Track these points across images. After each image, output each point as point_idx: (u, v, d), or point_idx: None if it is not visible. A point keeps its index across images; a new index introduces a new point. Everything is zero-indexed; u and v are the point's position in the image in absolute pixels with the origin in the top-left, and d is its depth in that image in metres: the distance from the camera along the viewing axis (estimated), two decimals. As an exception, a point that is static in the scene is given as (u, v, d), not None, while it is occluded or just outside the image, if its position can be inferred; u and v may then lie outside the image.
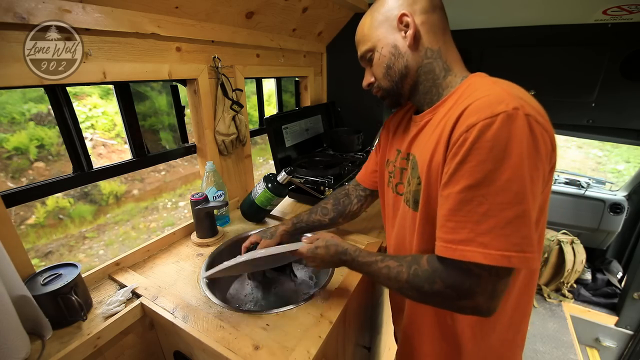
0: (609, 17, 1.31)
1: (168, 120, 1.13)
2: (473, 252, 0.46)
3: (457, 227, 0.48)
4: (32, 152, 1.10)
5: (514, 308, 0.62)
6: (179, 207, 1.89)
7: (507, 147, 0.44)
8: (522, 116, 0.44)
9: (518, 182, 0.45)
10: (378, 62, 0.64)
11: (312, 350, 0.63)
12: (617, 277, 2.22)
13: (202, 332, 0.67)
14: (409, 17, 0.58)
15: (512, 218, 0.45)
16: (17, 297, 0.60)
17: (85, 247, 1.46)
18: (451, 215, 0.49)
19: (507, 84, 0.53)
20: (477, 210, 0.46)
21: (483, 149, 0.45)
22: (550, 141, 0.47)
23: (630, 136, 1.56)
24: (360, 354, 1.07)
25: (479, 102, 0.48)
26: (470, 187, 0.47)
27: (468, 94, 0.53)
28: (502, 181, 0.45)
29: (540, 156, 0.46)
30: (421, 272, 0.54)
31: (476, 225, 0.46)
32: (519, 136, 0.44)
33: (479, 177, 0.46)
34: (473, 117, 0.47)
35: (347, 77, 1.71)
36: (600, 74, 1.44)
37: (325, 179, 1.20)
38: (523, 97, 0.48)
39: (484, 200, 0.46)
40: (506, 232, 0.45)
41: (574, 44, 1.45)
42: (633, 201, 2.18)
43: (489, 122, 0.45)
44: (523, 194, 0.45)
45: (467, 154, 0.46)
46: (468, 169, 0.47)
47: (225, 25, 1.06)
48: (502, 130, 0.44)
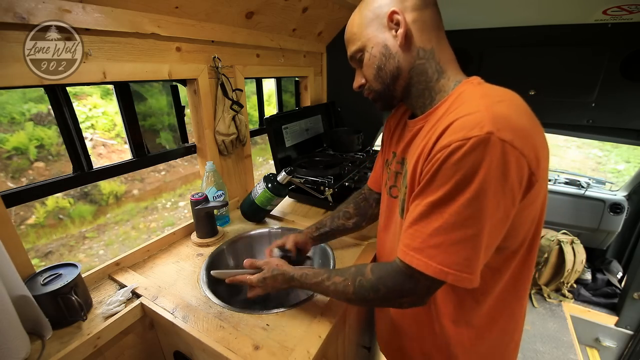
0: (609, 17, 1.31)
1: (168, 120, 1.13)
2: (419, 260, 0.50)
3: (414, 235, 0.51)
4: (32, 152, 1.10)
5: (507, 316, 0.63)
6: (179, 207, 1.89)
7: (471, 172, 0.44)
8: (495, 141, 0.43)
9: (474, 207, 0.45)
10: (368, 63, 0.62)
11: (312, 350, 0.63)
12: (617, 277, 2.22)
13: (202, 332, 0.67)
14: (399, 15, 0.56)
15: (459, 239, 0.47)
16: (17, 297, 0.60)
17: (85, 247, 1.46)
18: (413, 223, 0.52)
19: (497, 96, 0.50)
20: (433, 224, 0.49)
21: (449, 170, 0.46)
22: (528, 165, 0.46)
23: (630, 136, 1.56)
24: (360, 354, 1.07)
25: (459, 122, 0.47)
26: (432, 203, 0.49)
27: (455, 107, 0.52)
28: (458, 204, 0.46)
29: (510, 182, 0.45)
30: (365, 282, 0.58)
31: (428, 238, 0.49)
32: (486, 162, 0.43)
33: (440, 195, 0.47)
34: (448, 138, 0.47)
35: (347, 77, 1.69)
36: (600, 74, 1.44)
37: (325, 179, 1.20)
38: (506, 117, 0.46)
39: (440, 217, 0.48)
40: (451, 250, 0.48)
41: (574, 44, 1.45)
42: (633, 201, 2.18)
43: (460, 144, 0.45)
44: (477, 218, 0.46)
45: (436, 172, 0.48)
46: (435, 186, 0.48)
47: (225, 25, 1.06)
48: (470, 154, 0.44)
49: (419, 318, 0.68)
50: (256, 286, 0.73)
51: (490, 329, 0.63)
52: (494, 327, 0.63)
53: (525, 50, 1.48)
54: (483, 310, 0.61)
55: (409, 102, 0.64)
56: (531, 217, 0.53)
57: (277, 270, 0.72)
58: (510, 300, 0.62)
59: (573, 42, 1.44)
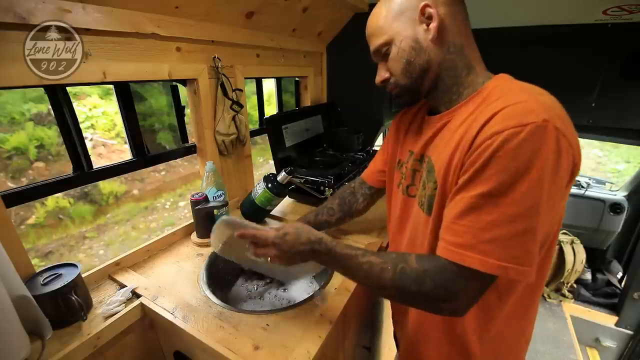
0: (609, 17, 1.31)
1: (168, 120, 1.13)
2: (472, 257, 0.46)
3: (461, 230, 0.48)
4: (32, 152, 1.10)
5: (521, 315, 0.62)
6: (179, 207, 1.89)
7: (530, 160, 0.43)
8: (552, 129, 0.43)
9: (533, 196, 0.44)
10: (396, 57, 0.59)
11: (312, 350, 0.63)
12: (617, 277, 2.22)
13: (202, 332, 0.67)
14: (432, 9, 0.54)
15: (519, 231, 0.45)
16: (17, 297, 0.60)
17: (85, 247, 1.46)
18: (458, 218, 0.49)
19: (536, 90, 0.51)
20: (485, 218, 0.46)
21: (505, 158, 0.44)
22: (573, 157, 0.46)
23: (630, 136, 1.56)
24: (360, 354, 1.07)
25: (508, 109, 0.46)
26: (484, 195, 0.46)
27: (495, 99, 0.50)
28: (517, 193, 0.44)
29: (561, 172, 0.45)
30: (409, 270, 0.52)
31: (480, 232, 0.46)
32: (544, 150, 0.43)
33: (495, 185, 0.45)
34: (499, 125, 0.45)
35: (347, 77, 1.71)
36: (600, 74, 1.44)
37: (325, 179, 1.20)
38: (553, 108, 0.46)
39: (494, 209, 0.45)
40: (510, 243, 0.45)
41: (574, 44, 1.45)
42: (633, 201, 2.18)
43: (516, 131, 0.43)
44: (536, 209, 0.44)
45: (487, 161, 0.45)
46: (486, 176, 0.46)
47: (225, 25, 1.06)
48: (528, 141, 0.43)
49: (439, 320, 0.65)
50: (272, 244, 0.61)
51: (507, 328, 0.62)
52: (510, 326, 0.62)
53: (525, 50, 1.48)
54: (504, 311, 0.59)
55: (434, 97, 0.63)
56: (559, 213, 0.52)
57: (303, 228, 0.62)
58: (525, 300, 0.60)
59: (573, 42, 1.44)
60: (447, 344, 0.66)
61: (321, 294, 0.79)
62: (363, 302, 1.00)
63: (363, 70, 1.63)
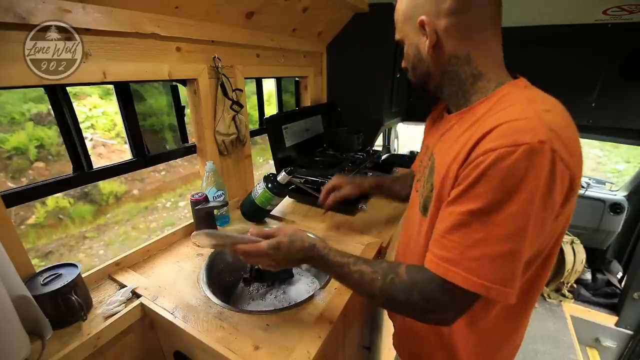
0: (609, 17, 1.32)
1: (168, 120, 1.13)
2: (456, 273, 0.47)
3: (449, 245, 0.48)
4: (32, 152, 1.10)
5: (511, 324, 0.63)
6: (179, 207, 1.89)
7: (522, 181, 0.42)
8: (547, 151, 0.41)
9: (522, 219, 0.43)
10: (406, 57, 0.63)
11: (312, 350, 0.63)
12: (617, 277, 2.22)
13: (202, 332, 0.67)
14: (427, 26, 0.54)
15: (504, 252, 0.45)
16: (17, 297, 0.60)
17: (85, 247, 1.46)
18: (447, 233, 0.49)
19: (545, 102, 0.49)
20: (473, 235, 0.46)
21: (496, 177, 0.43)
22: (570, 180, 0.44)
23: (630, 136, 1.56)
24: (360, 354, 1.07)
25: (506, 126, 0.44)
26: (472, 212, 0.46)
27: (499, 109, 0.49)
28: (505, 214, 0.43)
29: (554, 195, 0.44)
30: (398, 282, 0.53)
31: (467, 250, 0.46)
32: (537, 172, 0.42)
33: (485, 204, 0.44)
34: (494, 142, 0.44)
35: (347, 77, 1.71)
36: (600, 74, 1.44)
37: (325, 179, 1.20)
38: (556, 125, 0.44)
39: (482, 228, 0.45)
40: (495, 264, 0.45)
41: (574, 44, 1.45)
42: (633, 201, 2.18)
43: (510, 150, 0.42)
44: (523, 231, 0.44)
45: (479, 178, 0.45)
46: (476, 193, 0.45)
47: (225, 25, 1.06)
48: (521, 162, 0.42)
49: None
50: (265, 254, 0.61)
51: (494, 333, 0.63)
52: (498, 332, 0.63)
53: (525, 50, 1.47)
54: (490, 318, 0.60)
55: (443, 98, 0.65)
56: (554, 230, 0.51)
57: (295, 236, 0.62)
58: (516, 310, 0.60)
59: (573, 42, 1.44)
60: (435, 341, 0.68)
61: (321, 294, 0.79)
62: (363, 302, 1.00)
63: (363, 70, 1.64)
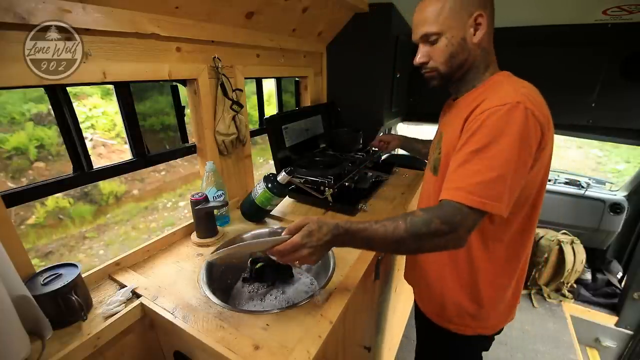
0: (608, 17, 1.32)
1: (168, 120, 1.13)
2: (461, 196, 0.62)
3: (455, 178, 0.65)
4: (32, 152, 1.10)
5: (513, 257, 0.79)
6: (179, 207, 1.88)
7: (506, 127, 0.61)
8: (522, 108, 0.60)
9: (506, 154, 0.60)
10: (443, 48, 0.71)
11: (312, 350, 0.63)
12: (617, 277, 2.22)
13: (202, 332, 0.67)
14: (484, 19, 0.68)
15: (494, 178, 0.61)
16: (17, 297, 0.60)
17: (85, 247, 1.46)
18: (454, 170, 0.66)
19: (521, 84, 0.69)
20: (472, 168, 0.63)
21: (488, 126, 0.62)
22: (540, 129, 0.63)
23: (630, 136, 1.57)
24: (360, 354, 1.07)
25: (494, 95, 0.65)
26: (472, 152, 0.63)
27: (492, 90, 0.69)
28: (494, 150, 0.61)
29: (529, 139, 0.62)
30: (417, 219, 0.64)
31: (468, 178, 0.63)
32: (515, 121, 0.60)
33: (480, 145, 0.62)
34: (487, 105, 0.64)
35: (347, 77, 1.71)
36: (600, 74, 1.44)
37: (325, 179, 1.20)
38: (528, 95, 0.63)
39: (479, 162, 0.62)
40: (488, 186, 0.61)
41: (574, 44, 1.45)
42: (633, 201, 2.18)
43: (498, 108, 0.62)
44: (507, 162, 0.61)
45: (477, 128, 0.63)
46: (475, 139, 0.63)
47: (225, 25, 1.06)
48: (505, 115, 0.61)
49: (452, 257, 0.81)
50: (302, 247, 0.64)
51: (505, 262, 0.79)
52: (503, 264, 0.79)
53: (525, 50, 1.48)
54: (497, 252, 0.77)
55: (457, 86, 0.79)
56: (535, 177, 0.69)
57: (321, 221, 0.66)
58: (517, 247, 0.78)
59: (573, 42, 1.44)
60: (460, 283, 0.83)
61: (321, 294, 0.79)
62: (363, 302, 1.00)
63: (363, 70, 1.63)
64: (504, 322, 0.88)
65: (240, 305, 0.88)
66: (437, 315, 0.90)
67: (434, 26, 0.70)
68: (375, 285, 1.08)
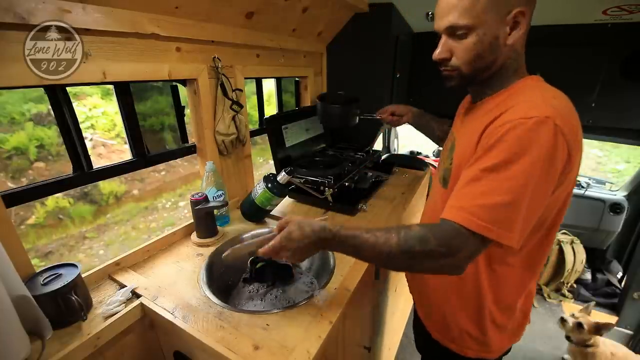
0: (608, 17, 1.32)
1: (168, 120, 1.13)
2: (463, 217, 0.54)
3: (461, 196, 0.57)
4: (32, 152, 1.10)
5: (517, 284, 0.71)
6: (179, 207, 1.88)
7: (528, 145, 0.51)
8: (551, 125, 0.50)
9: (524, 176, 0.51)
10: (471, 47, 0.59)
11: (312, 350, 0.63)
12: (617, 277, 2.22)
13: (202, 332, 0.67)
14: (524, 17, 0.57)
15: (506, 202, 0.52)
16: (17, 297, 0.60)
17: (85, 247, 1.46)
18: (461, 187, 0.58)
19: (554, 94, 0.58)
20: (482, 187, 0.54)
21: (509, 141, 0.52)
22: (568, 151, 0.53)
23: (630, 136, 1.57)
24: (360, 354, 1.07)
25: (520, 106, 0.55)
26: (485, 169, 0.54)
27: (517, 96, 0.59)
28: (511, 171, 0.52)
29: (555, 162, 0.52)
30: (413, 234, 0.58)
31: (475, 198, 0.55)
32: (541, 140, 0.50)
33: (496, 162, 0.53)
34: (510, 116, 0.54)
35: (347, 78, 1.71)
36: (600, 74, 1.44)
37: (325, 179, 1.20)
38: (559, 108, 0.53)
39: (491, 181, 0.54)
40: (497, 210, 0.53)
41: (574, 44, 1.45)
42: (633, 201, 2.18)
43: (522, 121, 0.52)
44: (524, 187, 0.51)
45: (495, 143, 0.54)
46: (491, 155, 0.54)
47: (225, 25, 1.06)
48: (529, 131, 0.51)
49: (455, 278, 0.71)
50: (282, 249, 0.65)
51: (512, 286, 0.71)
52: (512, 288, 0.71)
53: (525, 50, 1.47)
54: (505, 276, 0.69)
55: (478, 89, 0.69)
56: (556, 200, 0.59)
57: (305, 223, 0.65)
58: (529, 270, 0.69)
59: (573, 42, 1.44)
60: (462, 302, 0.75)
61: (321, 294, 0.79)
62: (363, 302, 1.00)
63: (363, 70, 1.63)
64: (510, 344, 0.80)
65: (240, 305, 0.88)
66: (437, 332, 0.84)
67: (465, 18, 0.57)
68: (375, 285, 1.08)
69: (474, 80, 0.66)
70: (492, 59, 0.60)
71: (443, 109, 1.11)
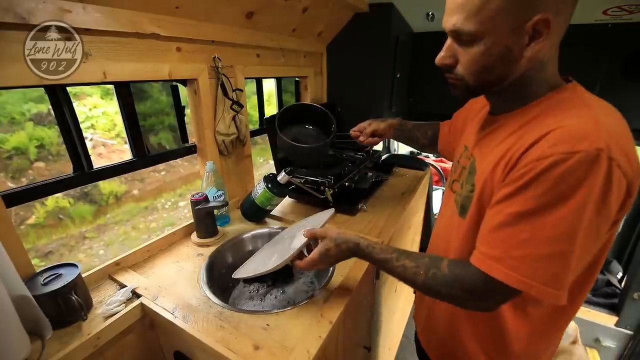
0: (609, 17, 1.32)
1: (168, 120, 1.13)
2: (499, 270, 0.48)
3: (495, 243, 0.49)
4: (32, 152, 1.10)
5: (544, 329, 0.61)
6: (179, 207, 1.88)
7: (575, 188, 0.41)
8: (604, 160, 0.40)
9: (571, 223, 0.42)
10: (477, 57, 0.50)
11: (312, 350, 0.63)
12: (617, 277, 2.22)
13: (202, 332, 0.67)
14: (549, 25, 0.45)
15: (549, 254, 0.44)
16: (17, 297, 0.60)
17: (85, 247, 1.46)
18: (494, 231, 0.49)
19: (603, 108, 0.47)
20: (519, 235, 0.46)
21: (548, 182, 0.43)
22: (627, 187, 0.43)
23: (630, 136, 1.56)
24: (360, 354, 1.07)
25: (562, 130, 0.43)
26: (520, 214, 0.45)
27: (554, 114, 0.47)
28: (554, 218, 0.43)
29: (609, 203, 0.43)
30: (441, 276, 0.55)
31: (512, 249, 0.47)
32: (592, 180, 0.41)
33: (533, 207, 0.44)
34: (549, 149, 0.43)
35: (347, 77, 1.71)
36: (600, 74, 1.44)
37: (325, 179, 1.20)
38: (614, 131, 0.43)
39: (529, 229, 0.45)
40: (538, 264, 0.45)
41: (574, 44, 1.44)
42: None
43: (565, 157, 0.41)
44: (572, 235, 0.43)
45: (530, 182, 0.44)
46: (526, 196, 0.45)
47: (225, 25, 1.06)
48: (576, 170, 0.41)
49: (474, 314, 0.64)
50: (319, 263, 0.70)
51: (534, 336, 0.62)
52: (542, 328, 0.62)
53: (525, 50, 1.47)
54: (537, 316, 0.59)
55: (496, 99, 0.59)
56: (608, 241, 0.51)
57: (341, 239, 0.69)
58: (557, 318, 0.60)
59: (573, 42, 1.44)
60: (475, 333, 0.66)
61: (321, 294, 0.79)
62: (363, 302, 1.00)
63: (363, 70, 1.63)
64: None
65: (240, 305, 0.88)
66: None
67: (471, 22, 0.47)
68: (375, 286, 1.08)
69: (478, 93, 0.57)
70: (504, 72, 0.50)
71: (443, 109, 1.11)
